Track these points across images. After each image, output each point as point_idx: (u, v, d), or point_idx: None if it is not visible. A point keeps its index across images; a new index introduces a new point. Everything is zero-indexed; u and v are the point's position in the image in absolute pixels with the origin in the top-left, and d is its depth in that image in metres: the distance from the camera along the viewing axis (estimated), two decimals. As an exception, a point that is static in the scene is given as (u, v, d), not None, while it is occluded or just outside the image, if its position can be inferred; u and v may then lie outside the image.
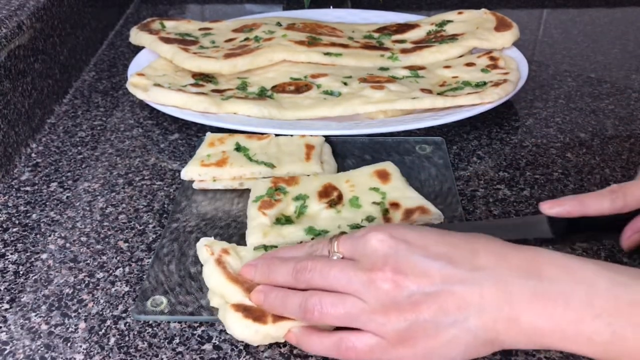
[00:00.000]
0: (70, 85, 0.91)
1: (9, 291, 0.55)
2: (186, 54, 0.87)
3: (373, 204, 0.60)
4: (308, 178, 0.62)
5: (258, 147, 0.69)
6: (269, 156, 0.67)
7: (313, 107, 0.77)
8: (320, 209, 0.59)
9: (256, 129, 0.73)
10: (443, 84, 0.83)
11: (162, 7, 1.25)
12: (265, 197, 0.59)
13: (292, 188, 0.61)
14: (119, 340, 0.50)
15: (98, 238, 0.61)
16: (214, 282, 0.50)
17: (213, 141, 0.70)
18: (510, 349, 0.46)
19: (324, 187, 0.61)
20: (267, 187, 0.61)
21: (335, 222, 0.57)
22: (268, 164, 0.66)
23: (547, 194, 0.67)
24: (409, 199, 0.60)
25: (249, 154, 0.67)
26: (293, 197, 0.60)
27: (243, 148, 0.68)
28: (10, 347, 0.49)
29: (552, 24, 1.15)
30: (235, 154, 0.68)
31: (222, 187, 0.66)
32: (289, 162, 0.66)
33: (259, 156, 0.67)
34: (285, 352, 0.49)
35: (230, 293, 0.49)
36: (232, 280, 0.50)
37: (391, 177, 0.63)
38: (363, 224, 0.57)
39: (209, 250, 0.53)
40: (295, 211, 0.59)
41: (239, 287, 0.49)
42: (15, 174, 0.71)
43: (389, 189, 0.62)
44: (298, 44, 0.90)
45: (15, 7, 0.76)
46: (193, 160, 0.67)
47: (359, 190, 0.61)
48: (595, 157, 0.73)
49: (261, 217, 0.58)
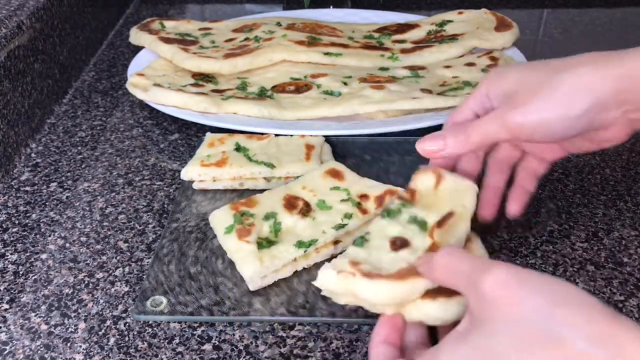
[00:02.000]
0: (70, 85, 0.91)
1: (9, 291, 0.55)
2: (186, 54, 0.87)
3: (342, 202, 0.59)
4: (265, 195, 0.60)
5: (258, 147, 0.68)
6: (269, 156, 0.67)
7: (313, 107, 0.77)
8: (295, 221, 0.57)
9: (256, 129, 0.73)
10: (443, 84, 0.83)
11: (162, 7, 1.25)
12: (237, 226, 0.56)
13: (255, 209, 0.58)
14: (118, 340, 0.50)
15: (98, 238, 0.61)
16: (370, 295, 0.45)
17: (213, 141, 0.70)
18: None
19: (285, 199, 0.59)
20: (231, 215, 0.57)
21: (316, 228, 0.57)
22: (268, 164, 0.65)
23: (547, 194, 0.67)
24: (372, 187, 0.61)
25: (249, 154, 0.67)
26: (262, 217, 0.57)
27: (243, 148, 0.68)
28: (10, 347, 0.49)
29: (552, 24, 1.15)
30: (235, 154, 0.67)
31: (222, 187, 0.66)
32: (289, 162, 0.66)
33: (259, 156, 0.67)
34: (285, 352, 0.49)
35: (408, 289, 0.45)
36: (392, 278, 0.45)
37: (344, 173, 0.63)
38: (345, 223, 0.57)
39: (344, 275, 0.46)
40: (270, 230, 0.57)
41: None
42: (15, 174, 0.71)
43: (348, 185, 0.62)
44: (298, 44, 0.90)
45: (15, 7, 0.76)
46: (193, 161, 0.66)
47: (321, 193, 0.60)
48: (595, 157, 0.73)
49: (245, 245, 0.54)
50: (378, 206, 0.59)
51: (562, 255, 0.58)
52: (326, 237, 0.56)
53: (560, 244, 0.59)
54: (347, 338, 0.50)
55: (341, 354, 0.49)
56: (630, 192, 0.67)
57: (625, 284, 0.55)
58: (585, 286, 0.54)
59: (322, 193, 0.61)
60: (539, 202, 0.65)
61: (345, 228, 0.57)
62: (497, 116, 0.48)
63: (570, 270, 0.56)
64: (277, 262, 0.54)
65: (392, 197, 0.58)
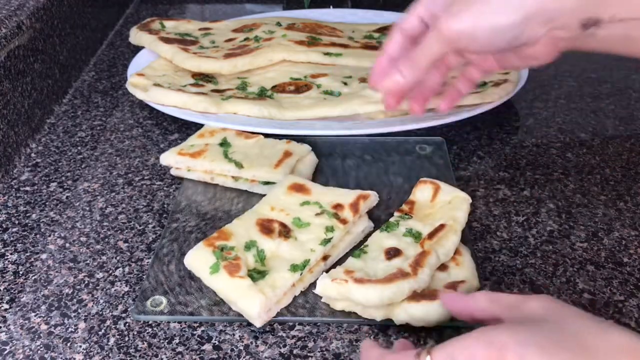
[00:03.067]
0: (69, 85, 0.91)
1: (9, 291, 0.55)
2: (186, 54, 0.87)
3: (317, 216, 0.57)
4: (235, 224, 0.57)
5: (243, 146, 0.69)
6: (246, 156, 0.67)
7: (313, 107, 0.77)
8: (277, 245, 0.55)
9: (256, 129, 0.73)
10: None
11: (162, 7, 1.25)
12: (222, 262, 0.52)
13: (232, 241, 0.54)
14: (118, 340, 0.50)
15: (98, 238, 0.61)
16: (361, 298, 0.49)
17: (204, 133, 0.71)
18: None
19: (259, 224, 0.57)
20: (210, 253, 0.53)
21: (303, 248, 0.54)
22: (238, 163, 0.66)
23: (547, 193, 0.67)
24: (343, 195, 0.60)
25: (227, 151, 0.68)
26: (243, 248, 0.54)
27: (226, 143, 0.69)
28: (10, 347, 0.49)
29: (552, 24, 1.14)
30: (216, 148, 0.68)
31: (196, 178, 0.68)
32: (257, 166, 0.65)
33: (236, 155, 0.67)
34: (285, 352, 0.49)
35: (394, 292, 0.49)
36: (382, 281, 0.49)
37: (307, 186, 0.61)
38: (329, 236, 0.55)
39: (337, 282, 0.50)
40: (256, 260, 0.54)
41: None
42: (15, 174, 0.71)
43: (317, 197, 0.60)
44: (298, 44, 0.90)
45: (15, 7, 0.76)
46: (174, 148, 0.68)
47: (292, 211, 0.58)
48: (595, 157, 0.73)
49: (240, 282, 0.50)
50: (355, 213, 0.58)
51: (562, 255, 0.58)
52: (316, 254, 0.54)
53: (560, 244, 0.59)
54: (347, 338, 0.50)
55: (341, 354, 0.48)
56: (630, 192, 0.66)
57: (625, 284, 0.55)
58: (586, 286, 0.54)
59: (294, 210, 0.58)
60: (539, 202, 0.65)
61: (331, 242, 0.55)
62: (435, 32, 0.50)
63: (570, 270, 0.56)
64: (278, 292, 0.51)
65: (366, 201, 0.60)
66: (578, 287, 0.54)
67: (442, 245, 0.54)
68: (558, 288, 0.54)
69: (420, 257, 0.51)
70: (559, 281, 0.55)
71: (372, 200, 0.60)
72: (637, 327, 0.50)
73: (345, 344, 0.49)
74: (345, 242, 0.58)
